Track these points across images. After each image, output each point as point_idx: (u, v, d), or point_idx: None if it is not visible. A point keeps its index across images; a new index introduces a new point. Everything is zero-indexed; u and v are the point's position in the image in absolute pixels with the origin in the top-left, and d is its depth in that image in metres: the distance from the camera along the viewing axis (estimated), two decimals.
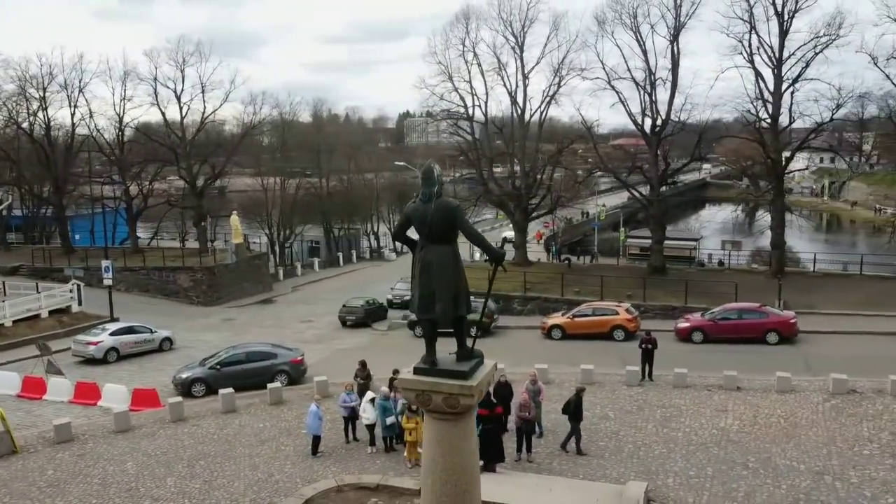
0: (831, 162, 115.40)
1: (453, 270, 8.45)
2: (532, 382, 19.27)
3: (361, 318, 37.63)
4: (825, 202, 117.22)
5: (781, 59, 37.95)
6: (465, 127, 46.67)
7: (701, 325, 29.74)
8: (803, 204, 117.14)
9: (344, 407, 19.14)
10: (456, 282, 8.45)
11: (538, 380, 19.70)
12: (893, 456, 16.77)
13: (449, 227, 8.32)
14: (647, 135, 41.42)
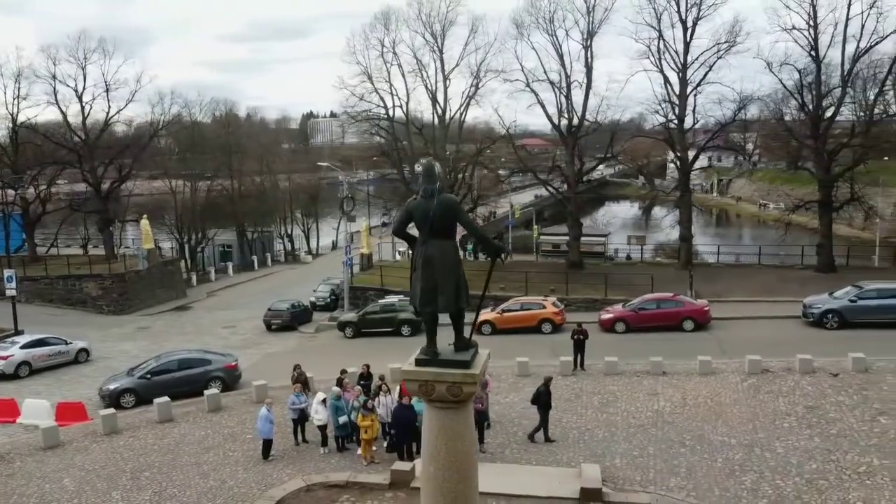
0: (718, 160, 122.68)
1: (454, 264, 8.78)
2: None
3: (287, 322, 37.09)
4: (714, 198, 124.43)
5: (686, 64, 40.52)
6: (386, 127, 46.81)
7: (623, 316, 31.28)
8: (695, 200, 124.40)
9: (293, 409, 19.03)
10: (456, 274, 8.79)
11: (484, 372, 20.27)
12: (810, 427, 18.40)
13: (450, 221, 8.66)
14: (563, 134, 43.07)
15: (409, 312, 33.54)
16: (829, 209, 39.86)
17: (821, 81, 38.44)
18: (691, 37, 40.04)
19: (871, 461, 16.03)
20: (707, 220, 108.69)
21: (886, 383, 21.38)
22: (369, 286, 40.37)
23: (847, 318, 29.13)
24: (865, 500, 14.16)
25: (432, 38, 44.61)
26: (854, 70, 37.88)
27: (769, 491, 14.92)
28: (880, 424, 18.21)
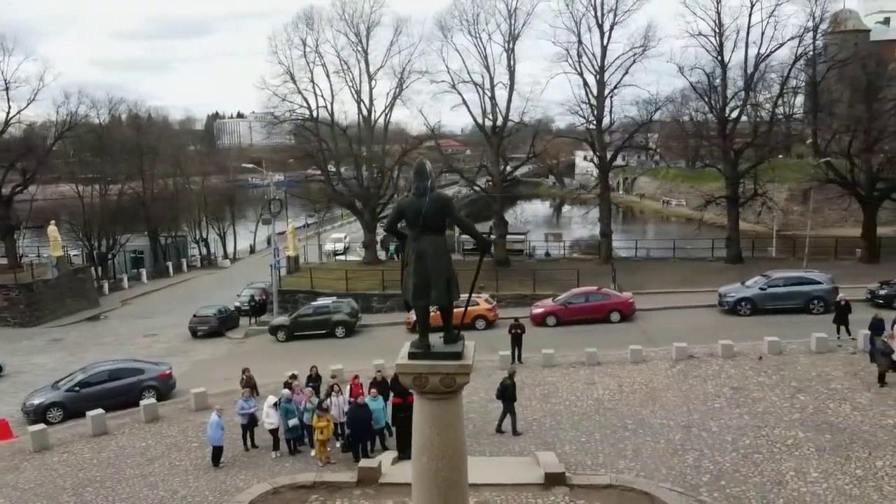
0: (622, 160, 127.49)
1: (446, 259, 9.07)
2: None
3: (215, 328, 36.09)
4: (620, 196, 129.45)
5: (604, 67, 42.24)
6: (311, 128, 46.20)
7: (553, 310, 32.33)
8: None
9: (243, 414, 18.72)
10: (448, 269, 9.07)
11: None
12: (739, 406, 19.75)
13: (442, 218, 8.94)
14: (487, 135, 43.95)
15: (343, 314, 33.49)
16: (736, 204, 42.61)
17: (726, 84, 41.11)
18: (608, 41, 41.90)
19: (796, 434, 17.40)
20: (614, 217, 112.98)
21: (800, 363, 23.19)
22: (298, 289, 39.84)
23: (758, 304, 31.28)
24: (796, 470, 15.38)
25: (356, 38, 44.50)
26: (756, 74, 40.72)
27: (710, 466, 15.94)
28: (799, 401, 19.76)
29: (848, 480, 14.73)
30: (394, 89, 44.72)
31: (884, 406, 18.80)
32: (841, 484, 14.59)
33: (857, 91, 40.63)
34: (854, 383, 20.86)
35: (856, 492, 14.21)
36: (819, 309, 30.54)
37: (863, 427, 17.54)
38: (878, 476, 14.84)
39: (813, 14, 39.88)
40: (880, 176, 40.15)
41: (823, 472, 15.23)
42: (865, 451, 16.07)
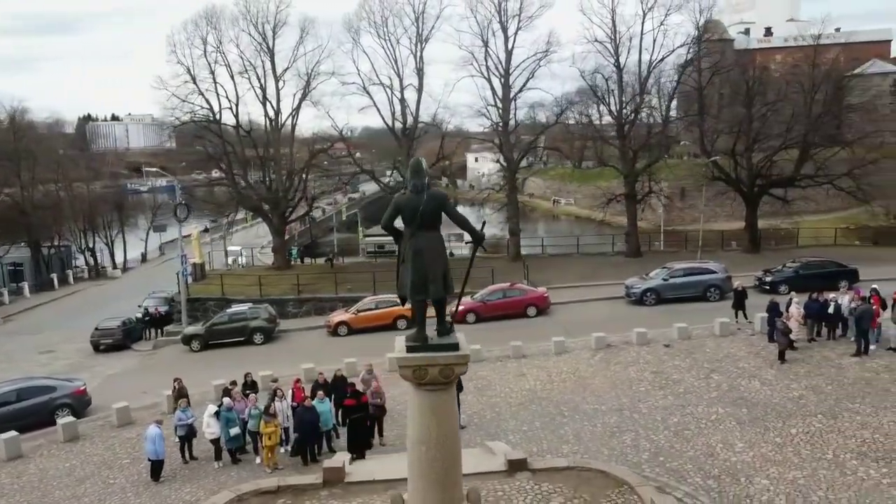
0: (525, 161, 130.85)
1: (442, 254, 9.35)
2: (368, 372, 20.24)
3: (120, 340, 34.24)
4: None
5: (509, 71, 43.55)
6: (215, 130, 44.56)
7: (473, 307, 33.04)
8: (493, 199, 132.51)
9: (181, 425, 18.09)
10: (444, 264, 9.36)
11: (373, 369, 20.72)
12: (661, 388, 21.14)
13: (438, 214, 9.21)
14: (398, 137, 44.18)
15: (261, 320, 32.74)
16: (634, 201, 45.17)
17: (622, 88, 43.53)
18: (513, 46, 43.25)
19: (717, 410, 18.88)
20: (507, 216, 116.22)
21: (708, 346, 25.07)
22: (208, 296, 38.47)
23: (661, 294, 33.40)
24: (724, 442, 16.73)
25: (262, 38, 43.46)
26: (650, 78, 43.43)
27: (647, 445, 17.03)
28: (714, 380, 21.41)
29: (770, 448, 16.20)
30: (301, 91, 44.10)
31: (787, 380, 20.72)
32: (765, 451, 16.03)
33: (738, 95, 44.25)
34: (758, 362, 22.82)
35: (778, 457, 15.65)
36: (715, 296, 33.04)
37: (773, 400, 19.28)
38: (794, 442, 16.41)
39: (697, 24, 43.10)
40: (760, 173, 43.85)
41: (747, 442, 16.66)
42: (780, 422, 17.70)
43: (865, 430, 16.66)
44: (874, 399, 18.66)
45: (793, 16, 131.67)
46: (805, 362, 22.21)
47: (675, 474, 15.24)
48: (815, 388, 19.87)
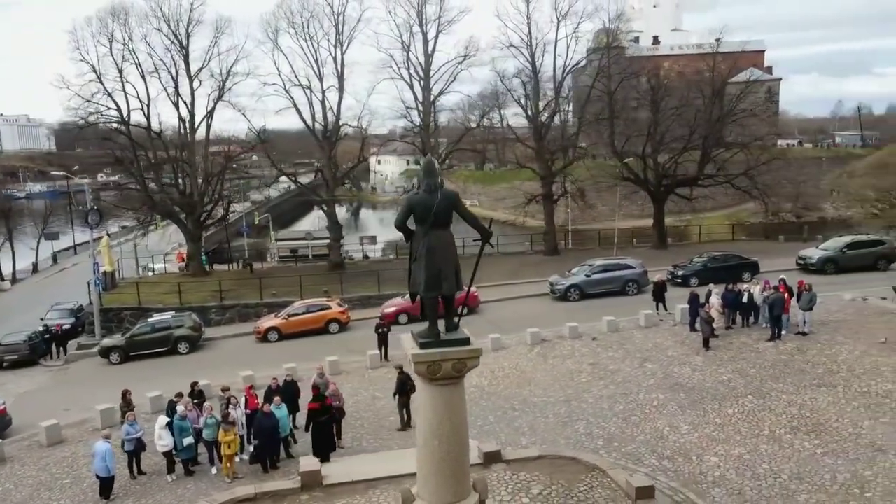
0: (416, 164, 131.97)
1: (453, 251, 9.58)
2: (319, 376, 20.12)
3: (26, 356, 31.98)
4: None
5: (429, 74, 43.99)
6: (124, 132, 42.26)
7: (405, 308, 33.11)
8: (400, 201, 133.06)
9: (129, 440, 17.30)
10: (455, 261, 9.60)
11: (325, 373, 20.59)
12: (601, 378, 22.17)
13: (450, 213, 9.43)
14: (319, 139, 43.61)
15: (186, 328, 31.57)
16: (551, 201, 46.76)
17: (538, 92, 44.99)
18: (433, 49, 43.74)
19: (658, 396, 20.05)
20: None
21: (635, 338, 26.43)
22: (123, 306, 36.58)
23: (585, 290, 34.83)
24: (670, 425, 17.84)
25: (175, 37, 41.69)
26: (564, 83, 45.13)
27: (600, 432, 17.90)
28: (649, 369, 22.68)
29: (712, 428, 17.44)
30: (216, 91, 42.72)
31: (715, 366, 22.26)
32: (708, 432, 17.24)
33: (644, 100, 46.79)
34: (685, 350, 24.34)
35: (722, 436, 16.89)
36: (633, 290, 34.83)
37: (706, 384, 20.69)
38: (733, 421, 17.74)
39: (607, 31, 45.17)
40: (666, 174, 46.55)
41: (691, 424, 17.84)
42: (716, 404, 19.05)
43: (792, 407, 18.22)
44: (794, 379, 20.40)
45: (676, 26, 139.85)
46: (727, 348, 23.90)
47: (631, 458, 16.13)
48: (741, 371, 21.47)
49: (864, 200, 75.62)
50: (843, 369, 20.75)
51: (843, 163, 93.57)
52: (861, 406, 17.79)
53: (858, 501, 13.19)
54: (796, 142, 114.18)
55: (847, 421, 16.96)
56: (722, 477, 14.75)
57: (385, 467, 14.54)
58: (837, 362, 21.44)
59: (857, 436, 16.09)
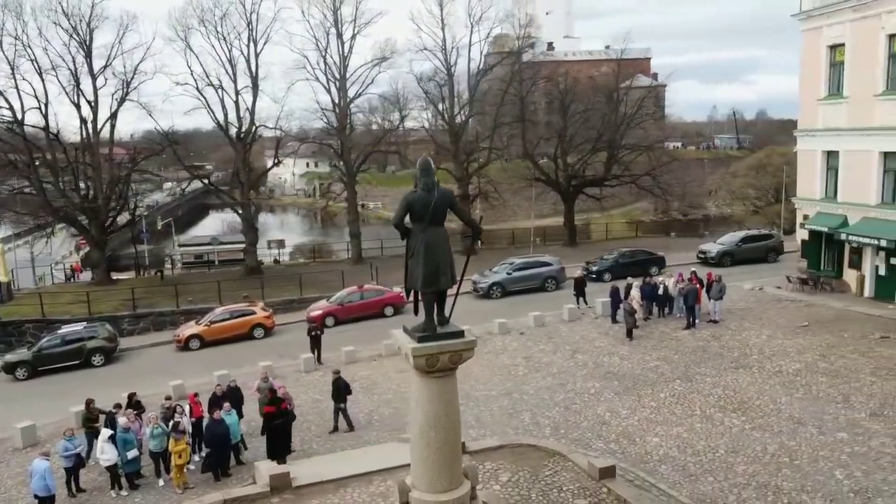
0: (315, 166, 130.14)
1: (448, 247, 9.89)
2: (263, 380, 19.84)
3: None
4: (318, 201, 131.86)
5: (345, 76, 43.73)
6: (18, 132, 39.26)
7: (331, 311, 33.04)
8: (301, 204, 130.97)
9: (67, 456, 16.45)
10: (451, 257, 9.92)
11: (269, 377, 20.30)
12: (537, 371, 23.04)
13: (446, 210, 9.73)
14: (233, 141, 42.36)
15: (100, 339, 29.99)
16: (468, 202, 47.62)
17: (454, 95, 45.76)
18: (350, 51, 43.56)
19: (594, 385, 21.11)
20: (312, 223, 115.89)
21: (562, 331, 27.59)
22: (24, 318, 34.17)
23: (507, 287, 35.88)
24: (610, 411, 18.86)
25: (76, 32, 39.20)
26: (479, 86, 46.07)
27: (545, 421, 18.66)
28: (580, 359, 23.78)
29: (649, 412, 18.60)
30: (121, 91, 40.56)
31: (641, 354, 23.65)
32: (646, 415, 18.38)
33: (554, 104, 48.63)
34: (610, 341, 25.68)
35: (659, 418, 18.06)
36: (552, 286, 36.24)
37: (635, 372, 21.97)
38: (667, 404, 18.99)
39: (519, 37, 46.59)
40: (575, 175, 48.57)
41: (629, 408, 18.95)
42: (648, 389, 20.30)
43: (717, 388, 19.72)
44: (713, 363, 22.04)
45: (568, 33, 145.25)
46: (649, 338, 25.44)
47: (579, 443, 16.96)
48: (665, 358, 22.94)
49: (745, 199, 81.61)
50: (755, 352, 22.61)
51: (722, 164, 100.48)
52: (777, 384, 19.51)
53: (789, 469, 14.56)
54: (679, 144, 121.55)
55: (767, 398, 18.57)
56: (666, 455, 15.82)
57: (352, 466, 14.64)
58: (749, 346, 23.33)
59: (778, 411, 17.67)
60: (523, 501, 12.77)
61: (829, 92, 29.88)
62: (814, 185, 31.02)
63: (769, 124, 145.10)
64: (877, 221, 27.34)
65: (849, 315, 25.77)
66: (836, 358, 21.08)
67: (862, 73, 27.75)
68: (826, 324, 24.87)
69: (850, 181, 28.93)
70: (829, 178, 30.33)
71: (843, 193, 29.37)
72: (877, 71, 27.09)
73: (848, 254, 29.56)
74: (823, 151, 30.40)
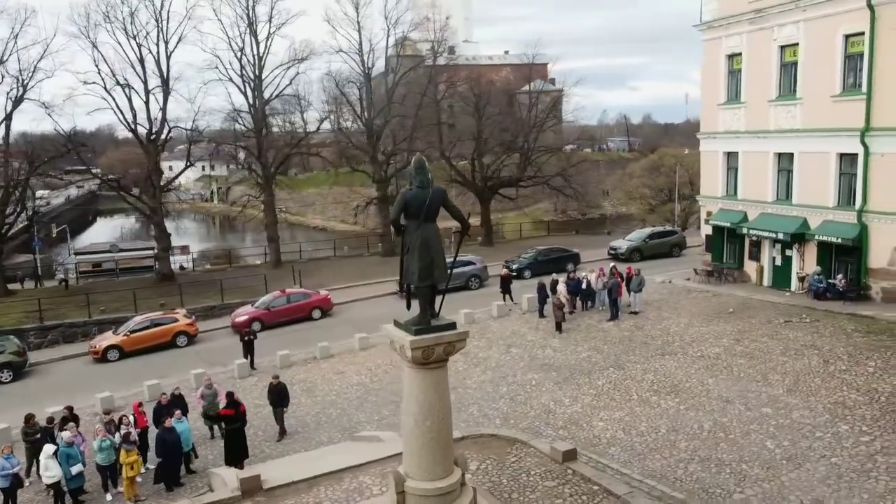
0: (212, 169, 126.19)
1: (441, 243, 10.24)
2: (207, 387, 19.49)
3: None
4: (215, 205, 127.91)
5: (261, 77, 42.77)
6: None
7: (258, 315, 32.44)
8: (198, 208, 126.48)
9: (3, 476, 15.56)
10: (443, 252, 10.28)
11: (213, 384, 19.89)
12: (476, 366, 23.61)
13: (439, 207, 10.07)
14: (143, 142, 40.47)
15: (7, 354, 28.15)
16: (388, 204, 47.71)
17: (371, 97, 45.77)
18: (266, 52, 42.64)
19: (533, 377, 21.95)
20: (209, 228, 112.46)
21: (493, 327, 28.41)
22: None
23: None
24: (554, 401, 19.72)
25: None
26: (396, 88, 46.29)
27: (494, 413, 19.31)
28: (516, 353, 24.63)
29: (590, 399, 19.61)
30: (16, 90, 37.89)
31: (572, 346, 24.78)
32: (588, 402, 19.37)
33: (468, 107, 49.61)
34: (541, 334, 26.72)
35: (601, 404, 19.08)
36: (476, 285, 37.13)
37: (570, 362, 23.03)
38: (605, 391, 20.06)
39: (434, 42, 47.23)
40: (490, 176, 49.80)
41: (571, 397, 19.90)
42: (585, 378, 21.36)
43: (648, 374, 21.02)
44: (641, 351, 23.42)
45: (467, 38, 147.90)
46: (577, 330, 26.67)
47: (530, 431, 17.68)
48: (596, 348, 24.17)
49: (641, 198, 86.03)
50: (676, 339, 24.22)
51: (616, 165, 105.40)
52: (701, 367, 21.04)
53: (726, 443, 15.86)
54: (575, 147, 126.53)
55: (695, 381, 20.02)
56: (613, 437, 16.82)
57: (318, 465, 14.67)
58: (670, 334, 24.95)
59: (707, 392, 19.12)
60: (496, 487, 13.30)
61: (729, 98, 32.30)
62: (716, 184, 33.42)
63: (655, 128, 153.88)
64: (773, 217, 29.85)
65: (752, 303, 27.97)
66: (750, 341, 22.93)
67: (757, 81, 30.23)
68: (735, 311, 26.95)
69: (748, 180, 31.41)
70: (730, 178, 32.78)
71: (742, 191, 31.83)
72: (771, 79, 29.62)
73: (748, 247, 32.01)
74: (724, 153, 32.82)
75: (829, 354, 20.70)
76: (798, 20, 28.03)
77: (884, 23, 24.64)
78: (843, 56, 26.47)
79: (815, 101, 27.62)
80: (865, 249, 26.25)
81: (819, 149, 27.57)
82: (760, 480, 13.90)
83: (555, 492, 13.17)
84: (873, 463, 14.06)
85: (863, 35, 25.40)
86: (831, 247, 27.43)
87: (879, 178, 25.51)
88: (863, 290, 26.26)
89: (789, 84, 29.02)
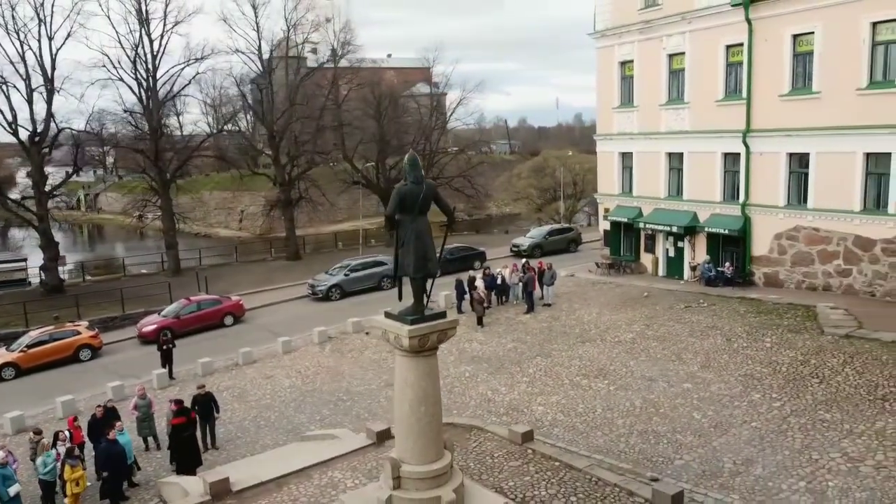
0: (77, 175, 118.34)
1: (432, 236, 10.68)
2: (141, 397, 18.82)
3: None
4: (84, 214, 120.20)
5: (156, 77, 40.77)
6: None
7: (167, 324, 31.06)
8: (63, 217, 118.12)
9: None
10: (434, 245, 10.73)
11: (146, 393, 19.18)
12: None
13: (431, 201, 10.50)
14: (25, 145, 37.45)
15: None
16: (291, 207, 47.03)
17: (273, 98, 44.85)
18: (161, 51, 40.70)
19: (466, 369, 22.65)
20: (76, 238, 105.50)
21: None
22: None
23: (345, 288, 36.47)
24: (492, 390, 20.50)
25: None
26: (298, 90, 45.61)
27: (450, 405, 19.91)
28: (443, 348, 24.48)
29: (525, 386, 20.64)
30: None
31: (496, 338, 25.80)
32: (523, 389, 20.39)
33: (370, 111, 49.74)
34: (464, 329, 27.37)
35: (536, 390, 20.15)
36: (388, 285, 37.49)
37: (498, 353, 24.02)
38: (537, 378, 21.16)
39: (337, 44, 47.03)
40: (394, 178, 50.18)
41: (507, 385, 20.83)
42: (516, 367, 22.39)
43: (575, 360, 22.37)
44: (562, 339, 24.81)
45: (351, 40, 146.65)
46: (497, 323, 27.76)
47: (474, 419, 18.49)
48: (520, 339, 25.32)
49: (528, 198, 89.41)
50: (592, 328, 25.83)
51: (499, 167, 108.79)
52: (622, 352, 22.64)
53: (658, 417, 17.32)
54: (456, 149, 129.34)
55: (618, 363, 21.54)
56: (555, 420, 17.89)
57: (282, 465, 14.67)
58: (585, 323, 26.56)
59: (631, 373, 20.66)
60: (465, 470, 13.91)
61: (622, 102, 34.65)
62: (613, 182, 35.73)
63: (530, 131, 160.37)
64: (666, 212, 32.39)
65: (653, 291, 30.21)
66: (658, 326, 24.88)
67: (649, 86, 32.69)
68: (639, 300, 29.04)
69: (643, 178, 33.86)
70: (626, 176, 35.17)
71: (637, 188, 34.26)
72: (661, 85, 32.14)
73: (643, 240, 34.50)
74: (619, 153, 35.17)
75: (730, 333, 22.90)
76: (684, 31, 30.62)
77: (759, 35, 27.52)
78: (724, 64, 29.26)
79: (701, 105, 30.30)
80: (749, 239, 29.11)
81: (706, 149, 30.28)
82: (695, 447, 15.38)
83: (521, 470, 13.98)
84: (787, 424, 15.91)
85: (742, 45, 28.20)
86: (719, 238, 30.15)
87: (759, 174, 28.40)
88: (748, 276, 29.08)
89: (678, 89, 31.62)
